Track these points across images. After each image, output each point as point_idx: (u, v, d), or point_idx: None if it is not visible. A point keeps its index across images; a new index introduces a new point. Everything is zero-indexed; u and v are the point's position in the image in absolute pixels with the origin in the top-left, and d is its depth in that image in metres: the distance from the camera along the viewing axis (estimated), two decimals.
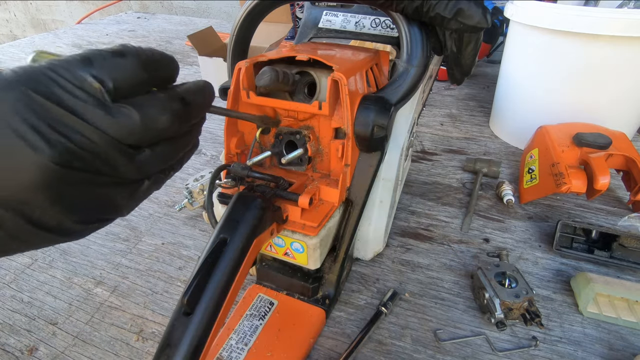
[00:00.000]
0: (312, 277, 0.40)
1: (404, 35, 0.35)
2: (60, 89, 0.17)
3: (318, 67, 0.35)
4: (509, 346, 0.39)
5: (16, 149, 0.16)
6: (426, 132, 0.81)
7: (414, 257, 0.50)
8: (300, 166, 0.37)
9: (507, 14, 0.70)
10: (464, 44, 0.39)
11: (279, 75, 0.31)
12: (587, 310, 0.41)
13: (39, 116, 0.16)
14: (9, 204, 0.17)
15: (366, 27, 0.46)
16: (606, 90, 0.62)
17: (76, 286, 0.47)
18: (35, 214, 0.17)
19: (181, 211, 0.59)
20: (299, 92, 0.36)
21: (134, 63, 0.19)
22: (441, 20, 0.33)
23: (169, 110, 0.20)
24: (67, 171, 0.17)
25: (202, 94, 0.22)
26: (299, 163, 0.37)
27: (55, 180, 0.17)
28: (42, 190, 0.17)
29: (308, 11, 0.48)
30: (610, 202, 0.59)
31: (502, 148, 0.74)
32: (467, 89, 1.02)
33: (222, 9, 1.94)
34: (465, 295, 0.44)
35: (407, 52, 0.35)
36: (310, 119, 0.37)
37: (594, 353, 0.38)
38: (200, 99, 0.22)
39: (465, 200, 0.60)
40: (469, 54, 0.41)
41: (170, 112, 0.20)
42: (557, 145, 0.55)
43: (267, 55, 0.35)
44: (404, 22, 0.35)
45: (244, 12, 0.41)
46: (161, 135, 0.20)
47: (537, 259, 0.49)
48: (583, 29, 0.56)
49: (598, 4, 0.69)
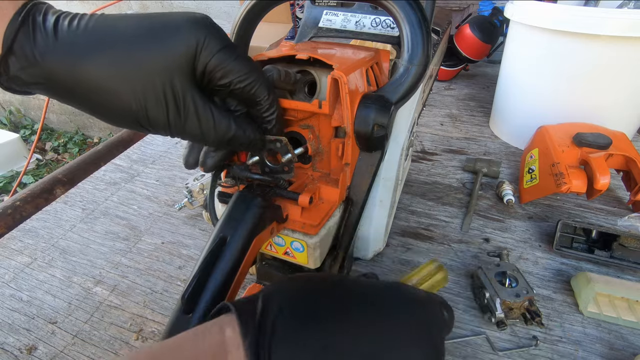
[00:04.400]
0: None
1: (404, 35, 0.35)
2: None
3: (318, 66, 0.35)
4: (510, 346, 0.39)
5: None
6: (426, 132, 0.81)
7: (414, 257, 0.50)
8: (288, 173, 0.36)
9: (507, 14, 0.70)
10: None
11: (281, 74, 0.31)
12: (588, 310, 0.41)
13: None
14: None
15: (366, 26, 0.46)
16: (606, 90, 0.62)
17: (76, 285, 0.47)
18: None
19: (181, 210, 0.59)
20: (300, 91, 0.36)
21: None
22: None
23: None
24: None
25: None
26: (285, 171, 0.36)
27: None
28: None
29: (308, 10, 0.48)
30: (610, 202, 0.59)
31: (502, 148, 0.74)
32: (467, 89, 1.02)
33: (222, 9, 1.94)
34: (465, 295, 0.44)
35: (408, 52, 0.35)
36: (310, 118, 0.36)
37: (594, 352, 0.38)
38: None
39: (465, 200, 0.60)
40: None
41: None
42: (557, 145, 0.55)
43: (267, 54, 0.35)
44: (405, 21, 0.35)
45: (243, 11, 0.40)
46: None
47: (538, 258, 0.49)
48: (583, 29, 0.56)
49: (598, 4, 0.69)
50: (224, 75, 0.26)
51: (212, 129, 0.27)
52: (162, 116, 0.25)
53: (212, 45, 0.25)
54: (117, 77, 0.24)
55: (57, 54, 0.23)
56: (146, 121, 0.25)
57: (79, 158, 0.71)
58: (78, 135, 2.62)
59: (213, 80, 0.26)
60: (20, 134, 2.47)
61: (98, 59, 0.24)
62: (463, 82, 1.06)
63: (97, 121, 2.55)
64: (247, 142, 0.29)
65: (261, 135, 0.31)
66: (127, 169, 0.71)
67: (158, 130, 0.26)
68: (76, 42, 0.23)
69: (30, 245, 0.54)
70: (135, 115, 0.25)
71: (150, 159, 0.73)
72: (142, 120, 0.25)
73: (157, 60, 0.24)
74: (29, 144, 2.49)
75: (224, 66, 0.26)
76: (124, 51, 0.24)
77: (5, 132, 2.31)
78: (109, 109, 0.25)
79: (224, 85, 0.26)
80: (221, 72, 0.26)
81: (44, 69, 0.23)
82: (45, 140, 2.61)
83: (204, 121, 0.26)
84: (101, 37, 0.24)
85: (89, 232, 0.56)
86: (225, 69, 0.26)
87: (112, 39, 0.24)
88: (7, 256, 0.52)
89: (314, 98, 0.35)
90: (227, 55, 0.25)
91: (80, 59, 0.23)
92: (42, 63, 0.23)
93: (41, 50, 0.23)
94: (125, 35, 0.24)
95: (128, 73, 0.24)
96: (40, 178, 0.84)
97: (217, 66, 0.25)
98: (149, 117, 0.25)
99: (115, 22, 0.24)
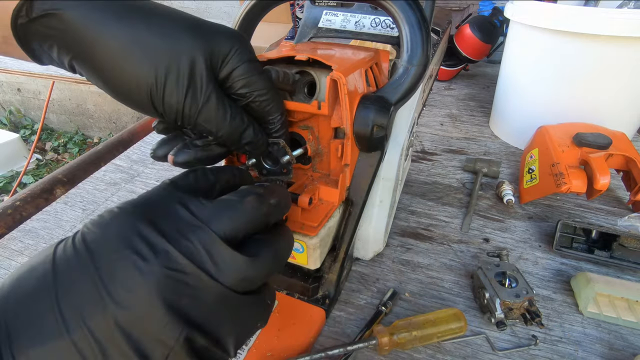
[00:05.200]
0: (312, 277, 0.40)
1: (404, 35, 0.35)
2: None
3: (318, 66, 0.35)
4: (509, 346, 0.39)
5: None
6: (426, 132, 0.81)
7: (414, 257, 0.50)
8: (287, 175, 0.36)
9: (507, 14, 0.70)
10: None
11: (279, 75, 0.31)
12: (587, 310, 0.41)
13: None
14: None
15: (366, 26, 0.46)
16: (606, 90, 0.62)
17: None
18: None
19: None
20: (299, 91, 0.36)
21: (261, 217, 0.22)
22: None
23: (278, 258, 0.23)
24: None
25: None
26: (284, 172, 0.36)
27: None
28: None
29: (308, 11, 0.48)
30: (610, 202, 0.59)
31: (502, 148, 0.74)
32: (467, 89, 1.02)
33: (222, 9, 1.94)
34: (465, 295, 0.44)
35: (407, 52, 0.35)
36: (310, 119, 0.36)
37: (594, 353, 0.38)
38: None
39: (465, 200, 0.60)
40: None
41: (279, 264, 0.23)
42: (557, 145, 0.55)
43: (266, 55, 0.35)
44: (404, 21, 0.35)
45: (243, 11, 0.40)
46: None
47: (537, 258, 0.49)
48: (583, 29, 0.56)
49: (598, 4, 0.69)
50: (246, 85, 0.26)
51: (226, 122, 0.26)
52: (179, 96, 0.25)
53: (242, 54, 0.26)
54: (145, 42, 0.24)
55: (90, 7, 0.23)
56: (160, 98, 0.25)
57: (79, 158, 0.71)
58: (78, 135, 2.62)
59: (234, 87, 0.27)
60: (20, 134, 2.47)
61: (133, 18, 0.24)
62: (463, 82, 1.06)
63: (97, 121, 2.55)
64: (255, 142, 0.29)
65: (266, 138, 0.31)
66: (128, 169, 0.71)
67: (168, 112, 0.25)
68: (116, 1, 0.23)
69: (31, 245, 0.54)
70: (151, 88, 0.24)
71: (150, 159, 0.73)
72: (156, 97, 0.25)
73: (191, 44, 0.24)
74: (29, 144, 2.49)
75: (247, 77, 0.26)
76: (162, 21, 0.24)
77: (5, 132, 2.31)
78: (125, 76, 0.24)
79: (242, 95, 0.27)
80: (244, 82, 0.26)
81: (69, 18, 0.23)
82: (45, 140, 2.61)
83: (220, 112, 0.26)
84: (142, 6, 0.24)
85: None
86: (248, 80, 0.26)
87: (152, 11, 0.24)
88: (8, 257, 0.52)
89: (314, 99, 0.35)
90: (253, 68, 0.26)
91: (115, 17, 0.23)
92: (69, 9, 0.23)
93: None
94: (167, 13, 0.25)
95: (158, 43, 0.24)
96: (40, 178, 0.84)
97: (242, 75, 0.26)
98: (165, 94, 0.24)
99: (159, 4, 0.25)
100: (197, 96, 0.25)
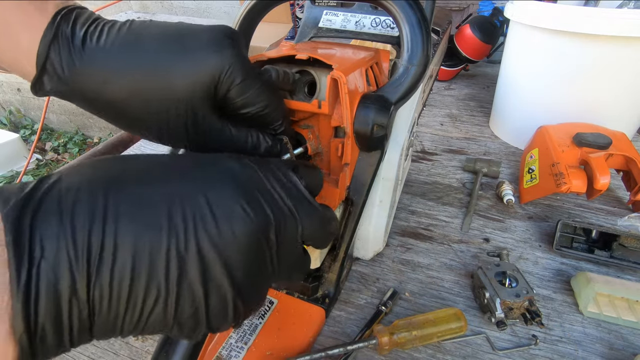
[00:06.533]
0: (311, 276, 0.40)
1: (404, 35, 0.35)
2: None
3: (318, 66, 0.35)
4: (509, 345, 0.39)
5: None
6: (426, 132, 0.81)
7: (414, 257, 0.50)
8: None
9: (507, 14, 0.70)
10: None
11: (279, 75, 0.31)
12: (588, 310, 0.41)
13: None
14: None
15: (366, 26, 0.46)
16: (606, 90, 0.62)
17: None
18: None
19: None
20: (300, 91, 0.36)
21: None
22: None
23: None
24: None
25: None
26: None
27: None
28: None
29: (308, 10, 0.48)
30: (610, 202, 0.59)
31: (502, 148, 0.74)
32: (467, 89, 1.02)
33: (222, 9, 1.94)
34: (465, 294, 0.44)
35: (408, 52, 0.35)
36: (310, 118, 0.36)
37: (594, 352, 0.38)
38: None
39: (465, 200, 0.60)
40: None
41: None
42: (557, 145, 0.55)
43: (266, 54, 0.35)
44: (405, 21, 0.35)
45: (243, 11, 0.41)
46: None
47: (537, 258, 0.49)
48: (583, 29, 0.56)
49: (598, 4, 0.69)
50: (244, 105, 0.27)
51: (231, 146, 0.28)
52: (182, 134, 0.26)
53: (235, 75, 0.25)
54: (140, 98, 0.25)
55: (85, 73, 0.24)
56: (167, 138, 0.27)
57: (78, 158, 0.71)
58: (78, 135, 2.62)
59: (232, 107, 0.27)
60: (20, 134, 2.47)
61: (124, 79, 0.24)
62: (463, 82, 1.06)
63: (97, 121, 2.55)
64: (267, 151, 0.30)
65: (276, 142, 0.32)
66: None
67: (177, 145, 0.28)
68: (104, 58, 0.24)
69: None
70: (157, 132, 0.26)
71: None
72: (163, 138, 0.27)
73: (182, 86, 0.25)
74: (29, 144, 2.49)
75: (244, 97, 0.26)
76: (150, 73, 0.25)
77: (5, 132, 2.31)
78: (134, 125, 0.27)
79: (243, 114, 0.27)
80: (241, 102, 0.26)
81: (74, 88, 0.24)
82: (45, 140, 2.61)
83: (225, 139, 0.27)
84: (128, 53, 0.24)
85: None
86: (246, 100, 0.26)
87: (139, 57, 0.24)
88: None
89: (314, 98, 0.35)
90: (248, 86, 0.26)
91: (107, 78, 0.24)
92: (72, 83, 0.24)
93: (70, 69, 0.24)
94: (151, 53, 0.25)
95: (152, 95, 0.25)
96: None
97: (237, 96, 0.26)
98: (170, 134, 0.26)
99: (142, 37, 0.25)
100: (198, 130, 0.26)
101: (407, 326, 0.37)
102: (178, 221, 0.18)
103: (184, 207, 0.18)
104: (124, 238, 0.17)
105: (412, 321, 0.38)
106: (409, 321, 0.38)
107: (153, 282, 0.17)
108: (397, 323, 0.38)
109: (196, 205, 0.19)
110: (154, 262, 0.17)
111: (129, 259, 0.17)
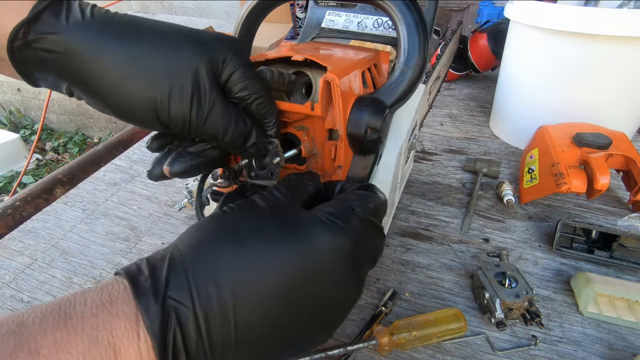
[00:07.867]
0: None
1: (401, 36, 0.35)
2: None
3: (314, 67, 0.35)
4: (509, 346, 0.39)
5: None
6: (426, 132, 0.81)
7: (414, 257, 0.50)
8: (272, 180, 0.35)
9: (507, 14, 0.70)
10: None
11: (274, 75, 0.31)
12: (587, 310, 0.41)
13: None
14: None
15: (368, 27, 0.46)
16: (606, 90, 0.62)
17: (76, 286, 0.47)
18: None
19: (181, 211, 0.59)
20: (296, 92, 0.36)
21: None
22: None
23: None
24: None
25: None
26: (270, 177, 0.36)
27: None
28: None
29: (311, 11, 0.48)
30: (610, 202, 0.59)
31: (502, 148, 0.74)
32: (467, 89, 1.02)
33: (222, 8, 1.94)
34: (465, 295, 0.44)
35: (405, 54, 0.35)
36: (305, 120, 0.36)
37: (594, 353, 0.38)
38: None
39: (465, 200, 0.60)
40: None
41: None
42: (557, 145, 0.55)
43: (264, 54, 0.35)
44: (402, 22, 0.35)
45: (245, 12, 0.40)
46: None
47: (537, 259, 0.49)
48: (583, 29, 0.56)
49: (598, 4, 0.69)
50: (244, 88, 0.27)
51: (232, 126, 0.27)
52: (185, 107, 0.25)
53: (238, 59, 0.27)
54: (145, 60, 0.24)
55: (87, 29, 0.23)
56: (165, 112, 0.25)
57: (79, 158, 0.71)
58: (78, 135, 2.62)
59: (233, 91, 0.27)
60: (20, 134, 2.47)
61: (131, 42, 0.24)
62: (463, 82, 1.06)
63: (97, 121, 2.55)
64: (258, 143, 0.30)
65: (266, 140, 0.31)
66: (127, 170, 0.71)
67: (174, 123, 0.26)
68: (111, 23, 0.24)
69: (31, 246, 0.54)
70: (156, 104, 0.25)
71: (150, 160, 0.73)
72: (161, 111, 0.25)
73: (191, 54, 0.25)
74: (29, 144, 2.49)
75: (244, 80, 0.27)
76: (159, 37, 0.25)
77: (5, 132, 2.31)
78: (127, 96, 0.25)
79: (241, 98, 0.28)
80: (242, 85, 0.27)
81: (66, 41, 0.23)
82: (45, 140, 2.61)
83: (226, 117, 0.27)
84: (137, 25, 0.25)
85: (90, 232, 0.56)
86: (246, 83, 0.28)
87: (148, 28, 0.25)
88: (8, 257, 0.52)
89: (309, 100, 0.35)
90: (249, 72, 0.28)
91: (112, 38, 0.24)
92: (66, 32, 0.23)
93: (72, 21, 0.23)
94: (162, 28, 0.25)
95: (158, 59, 0.24)
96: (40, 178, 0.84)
97: (239, 78, 0.27)
98: (171, 107, 0.25)
99: (152, 20, 0.26)
100: (202, 104, 0.26)
101: (407, 327, 0.37)
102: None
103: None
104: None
105: (412, 322, 0.38)
106: (408, 322, 0.38)
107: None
108: (397, 323, 0.38)
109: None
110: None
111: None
